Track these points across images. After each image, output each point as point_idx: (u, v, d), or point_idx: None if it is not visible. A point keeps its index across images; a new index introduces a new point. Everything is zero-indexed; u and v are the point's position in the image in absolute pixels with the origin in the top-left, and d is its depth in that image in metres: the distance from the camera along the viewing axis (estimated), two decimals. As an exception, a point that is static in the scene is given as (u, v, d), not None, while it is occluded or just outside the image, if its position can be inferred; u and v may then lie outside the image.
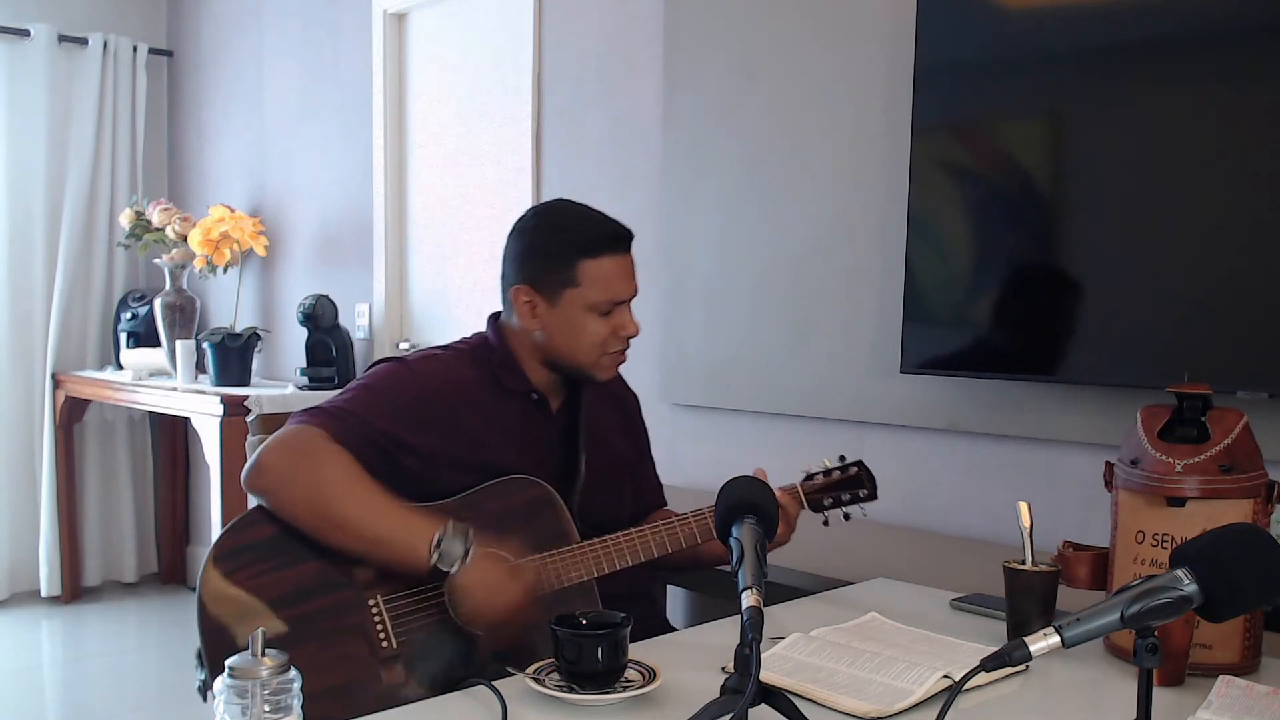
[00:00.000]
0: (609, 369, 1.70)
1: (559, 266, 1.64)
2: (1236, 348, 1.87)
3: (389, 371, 1.65)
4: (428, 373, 1.65)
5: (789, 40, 2.60)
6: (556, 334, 1.66)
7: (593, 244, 1.64)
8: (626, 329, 1.67)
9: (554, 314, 1.65)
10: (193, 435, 4.60)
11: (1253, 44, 1.86)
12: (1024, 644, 0.96)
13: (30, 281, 4.54)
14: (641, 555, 1.61)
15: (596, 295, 1.63)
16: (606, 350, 1.67)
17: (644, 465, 1.92)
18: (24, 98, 4.49)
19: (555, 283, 1.64)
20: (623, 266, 1.67)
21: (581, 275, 1.63)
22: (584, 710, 1.23)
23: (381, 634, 1.46)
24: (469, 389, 1.66)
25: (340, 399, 1.60)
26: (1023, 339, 2.16)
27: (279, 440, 1.53)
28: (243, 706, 0.93)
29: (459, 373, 1.67)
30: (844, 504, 1.75)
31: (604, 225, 1.68)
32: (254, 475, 1.52)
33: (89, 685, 3.83)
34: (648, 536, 1.61)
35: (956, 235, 2.26)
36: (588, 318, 1.64)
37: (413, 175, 3.85)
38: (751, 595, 1.08)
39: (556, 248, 1.65)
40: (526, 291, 1.66)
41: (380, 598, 1.48)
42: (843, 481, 1.75)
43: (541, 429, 1.71)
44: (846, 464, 1.77)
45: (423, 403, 1.60)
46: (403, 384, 1.62)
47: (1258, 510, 1.35)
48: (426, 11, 3.78)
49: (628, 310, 1.68)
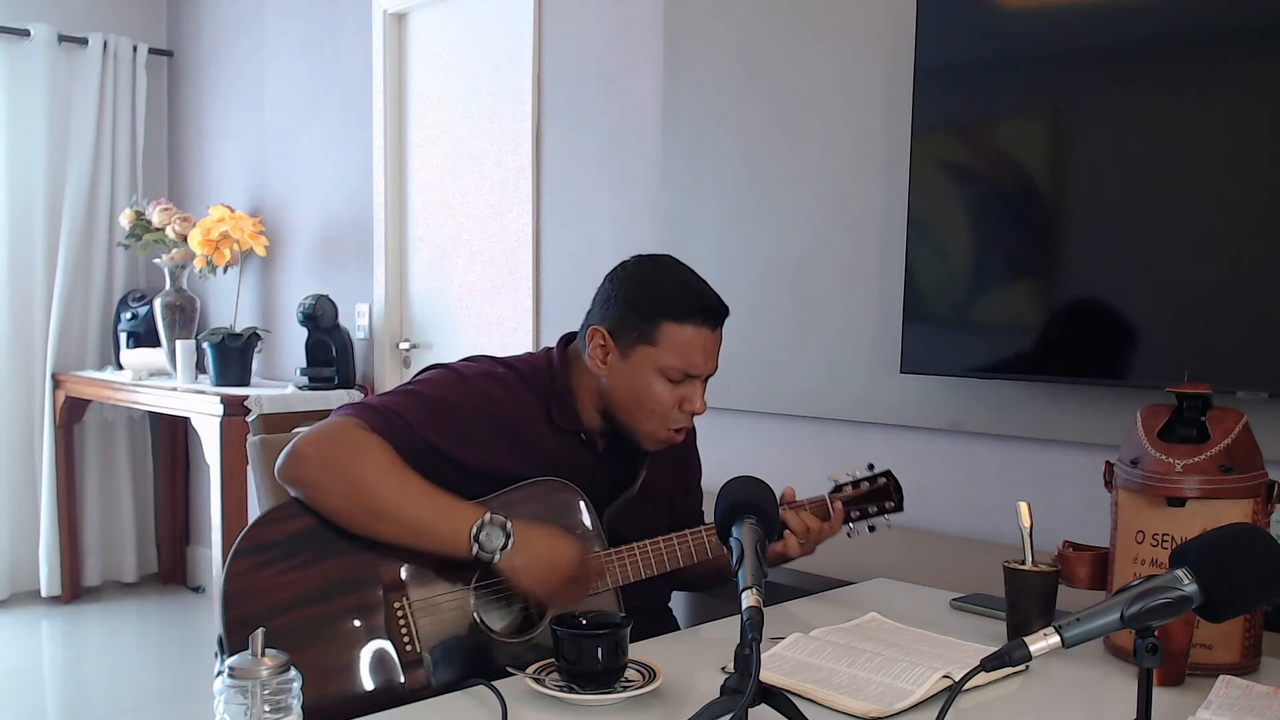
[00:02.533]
0: (660, 442, 1.64)
1: (641, 322, 1.58)
2: (1236, 348, 1.87)
3: (444, 381, 1.61)
4: (483, 391, 1.60)
5: (789, 40, 2.60)
6: (620, 388, 1.61)
7: (682, 309, 1.58)
8: (693, 404, 1.60)
9: (623, 367, 1.60)
10: (193, 435, 4.60)
11: (1253, 44, 1.87)
12: (1024, 644, 0.96)
13: (30, 281, 4.54)
14: (669, 564, 1.59)
15: (670, 360, 1.58)
16: (667, 422, 1.61)
17: (688, 498, 1.86)
18: (24, 98, 4.49)
19: (633, 336, 1.59)
20: (706, 341, 1.60)
21: (661, 336, 1.58)
22: (584, 710, 1.23)
23: (406, 637, 1.44)
24: (520, 413, 1.61)
25: (389, 399, 1.56)
26: (1022, 339, 2.16)
27: (318, 431, 1.51)
28: (243, 707, 0.93)
29: (514, 395, 1.62)
30: (870, 516, 1.72)
31: (699, 294, 1.61)
32: (291, 464, 1.49)
33: (89, 685, 3.83)
34: (674, 544, 1.59)
35: (956, 235, 2.26)
36: (655, 380, 1.59)
37: (413, 175, 3.85)
38: (751, 595, 1.08)
39: (644, 302, 1.59)
40: (603, 336, 1.61)
41: (407, 600, 1.46)
42: (872, 493, 1.72)
43: (586, 465, 1.67)
44: (875, 474, 1.73)
45: (472, 422, 1.57)
46: (454, 396, 1.58)
47: (1258, 510, 1.35)
48: (426, 11, 3.78)
49: (699, 386, 1.61)
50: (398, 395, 1.58)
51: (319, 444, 1.49)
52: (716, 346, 1.62)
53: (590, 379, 1.64)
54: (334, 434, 1.50)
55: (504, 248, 3.45)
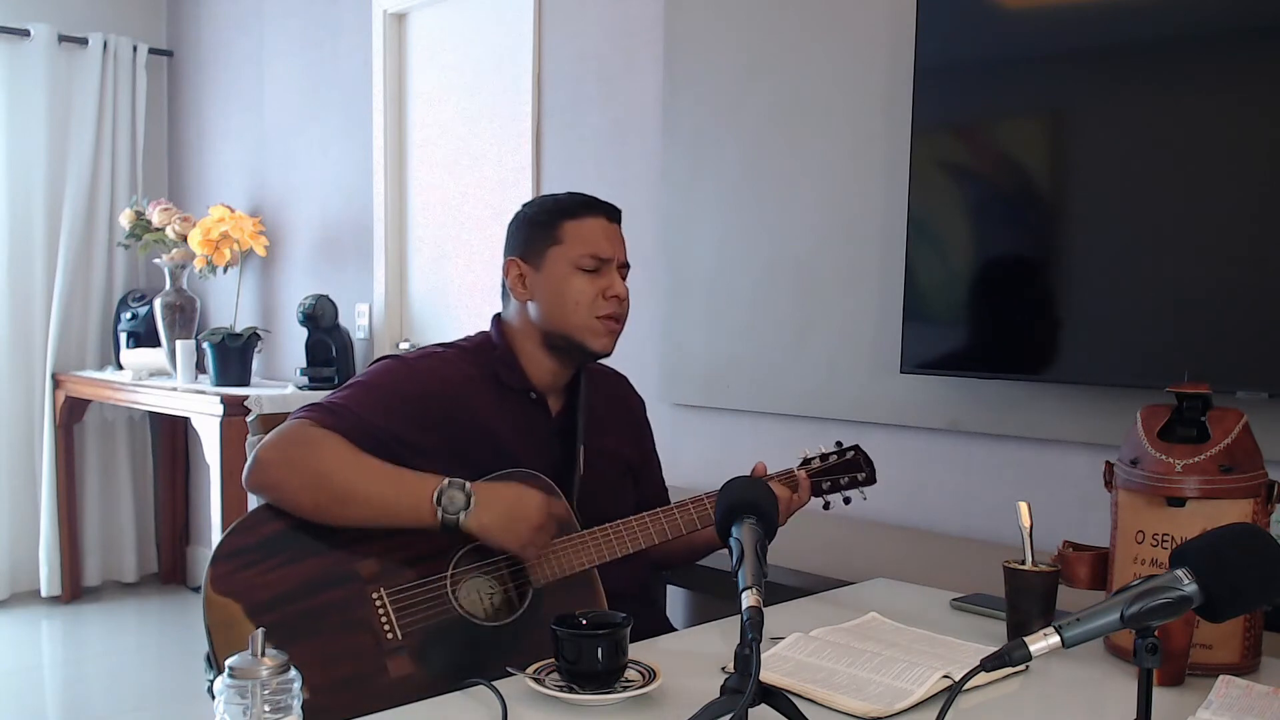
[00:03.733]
0: (601, 335, 1.69)
1: (543, 230, 1.69)
2: (1236, 348, 1.87)
3: (387, 369, 1.66)
4: (427, 370, 1.66)
5: (789, 40, 2.60)
6: (546, 299, 1.68)
7: (575, 207, 1.70)
8: (614, 288, 1.68)
9: (540, 278, 1.68)
10: (193, 435, 4.60)
11: (1253, 44, 1.86)
12: (1024, 644, 0.96)
13: (30, 281, 4.54)
14: (642, 541, 1.62)
15: (579, 249, 1.67)
16: (595, 312, 1.67)
17: (648, 468, 1.92)
18: (24, 98, 4.49)
19: (540, 244, 1.69)
20: (605, 229, 1.70)
21: (564, 233, 1.68)
22: (584, 710, 1.23)
23: (386, 626, 1.47)
24: (468, 386, 1.67)
25: (337, 396, 1.61)
26: (1023, 339, 2.16)
27: (276, 436, 1.56)
28: (243, 707, 0.93)
29: (458, 370, 1.68)
30: (843, 488, 1.77)
31: (586, 195, 1.74)
32: (255, 472, 1.53)
33: (89, 685, 3.83)
34: (647, 523, 1.63)
35: (956, 235, 2.26)
36: (573, 275, 1.67)
37: (413, 175, 3.85)
38: (751, 595, 1.08)
39: (541, 215, 1.71)
40: (516, 264, 1.71)
41: (384, 591, 1.49)
42: (840, 465, 1.77)
43: (540, 427, 1.72)
44: (844, 448, 1.79)
45: (422, 400, 1.61)
46: (401, 381, 1.63)
47: (1258, 510, 1.35)
48: (426, 11, 3.78)
49: (615, 273, 1.69)
50: (345, 390, 1.63)
51: (276, 448, 1.54)
52: (618, 237, 1.72)
53: (522, 320, 1.71)
54: (289, 436, 1.55)
55: (504, 248, 3.45)
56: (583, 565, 1.57)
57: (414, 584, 1.51)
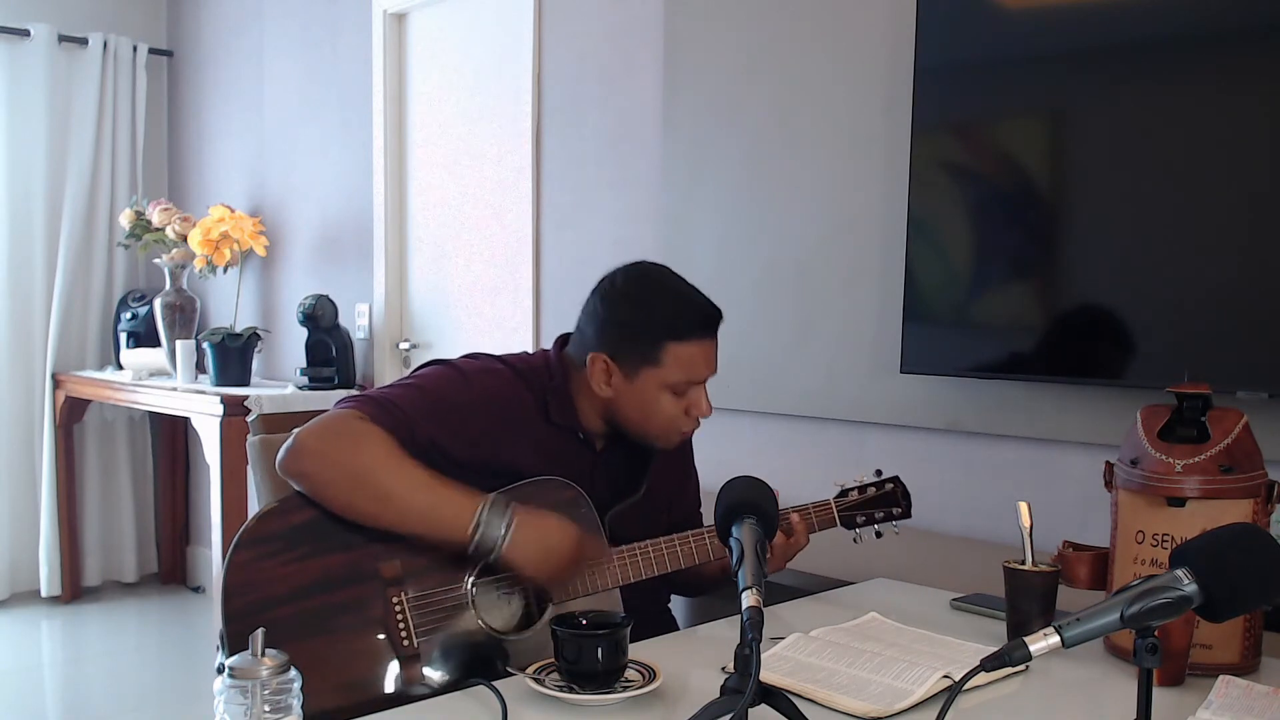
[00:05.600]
0: (674, 443, 1.68)
1: (644, 346, 1.60)
2: (1236, 348, 1.87)
3: (442, 376, 1.62)
4: (480, 384, 1.61)
5: (789, 40, 2.60)
6: (627, 407, 1.63)
7: (682, 327, 1.60)
8: (700, 408, 1.63)
9: (629, 388, 1.61)
10: (193, 435, 4.60)
11: (1253, 44, 1.86)
12: (1024, 644, 0.96)
13: (30, 281, 4.54)
14: (669, 565, 1.60)
15: (676, 377, 1.60)
16: (678, 429, 1.65)
17: (684, 497, 1.87)
18: (24, 98, 4.49)
19: (637, 360, 1.60)
20: (708, 351, 1.63)
21: (665, 356, 1.59)
22: (584, 710, 1.23)
23: (403, 632, 1.44)
24: (520, 411, 1.62)
25: (389, 392, 1.57)
26: (1022, 339, 2.16)
27: (318, 424, 1.52)
28: (243, 707, 0.93)
29: (512, 390, 1.63)
30: (877, 521, 1.75)
31: (697, 308, 1.63)
32: (292, 457, 1.49)
33: (89, 685, 3.83)
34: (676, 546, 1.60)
35: (956, 235, 2.26)
36: (662, 395, 1.61)
37: (413, 175, 3.85)
38: (751, 595, 1.08)
39: (643, 326, 1.61)
40: (605, 362, 1.62)
41: (405, 595, 1.46)
42: (877, 499, 1.75)
43: (583, 464, 1.67)
44: (883, 480, 1.76)
45: (471, 416, 1.57)
46: (455, 392, 1.59)
47: (1258, 510, 1.35)
48: (426, 11, 3.78)
49: (703, 390, 1.64)
50: (397, 388, 1.58)
51: (319, 437, 1.50)
52: (716, 352, 1.65)
53: (590, 394, 1.65)
54: (334, 426, 1.51)
55: (504, 248, 3.45)
56: (605, 587, 1.55)
57: (435, 590, 1.48)
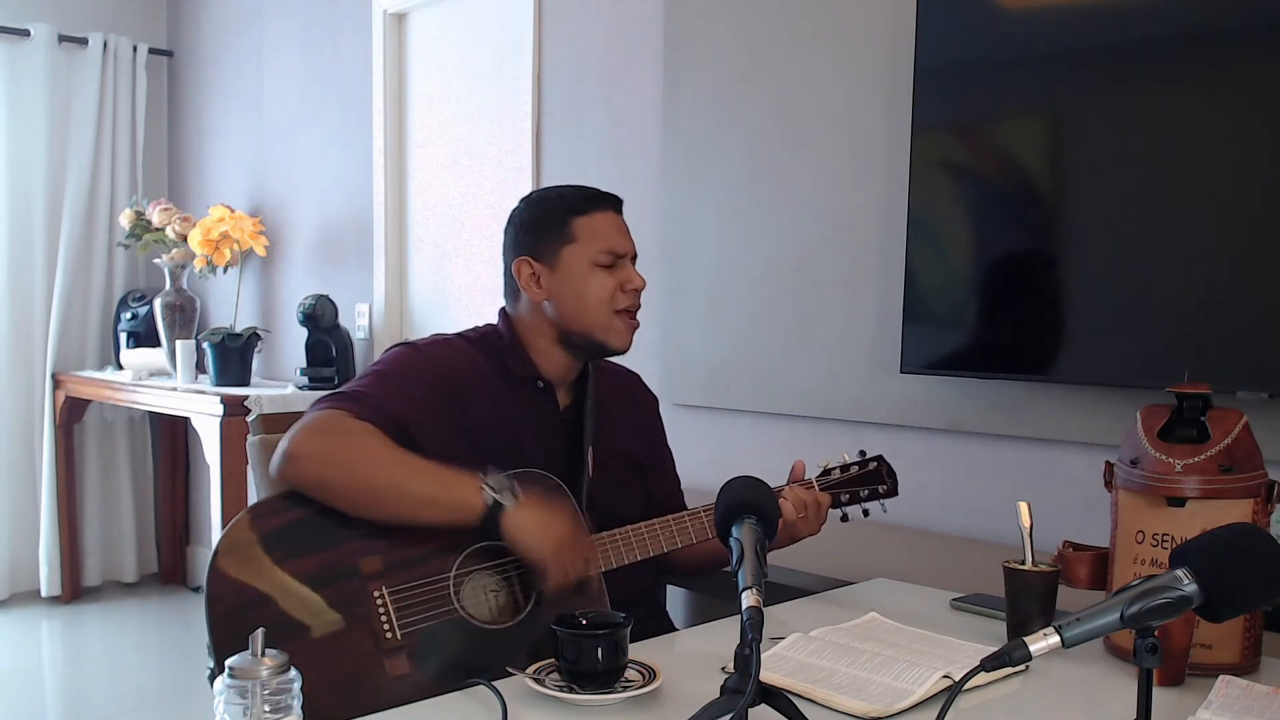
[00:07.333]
0: (623, 334, 1.70)
1: (554, 229, 1.68)
2: (1236, 348, 1.87)
3: (402, 356, 1.66)
4: (439, 356, 1.67)
5: (789, 40, 2.60)
6: (563, 297, 1.68)
7: (582, 203, 1.70)
8: (632, 281, 1.69)
9: (557, 277, 1.68)
10: (193, 435, 4.60)
11: (1253, 44, 1.86)
12: (1024, 644, 0.96)
13: (30, 281, 4.54)
14: (651, 549, 1.61)
15: (595, 246, 1.67)
16: (615, 306, 1.68)
17: (659, 467, 1.89)
18: (24, 98, 4.49)
19: (553, 243, 1.68)
20: (615, 222, 1.71)
21: (577, 230, 1.67)
22: (584, 710, 1.23)
23: (385, 625, 1.46)
24: (477, 374, 1.67)
25: (358, 385, 1.60)
26: (1023, 339, 2.16)
27: (306, 427, 1.53)
28: (243, 707, 0.93)
29: (467, 357, 1.69)
30: (863, 500, 1.75)
31: (587, 188, 1.74)
32: (288, 466, 1.51)
33: (89, 685, 3.83)
34: (657, 529, 1.62)
35: (956, 235, 2.26)
36: (591, 273, 1.67)
37: (413, 175, 3.85)
38: (751, 595, 1.08)
39: (549, 214, 1.70)
40: (528, 263, 1.69)
41: (385, 589, 1.48)
42: (860, 477, 1.75)
43: (547, 418, 1.72)
44: (866, 459, 1.77)
45: (436, 386, 1.62)
46: (416, 368, 1.64)
47: (1258, 510, 1.35)
48: (426, 11, 3.78)
49: (630, 265, 1.70)
50: (366, 378, 1.62)
51: (310, 440, 1.52)
52: (626, 227, 1.73)
53: (535, 320, 1.71)
54: (324, 426, 1.54)
55: (504, 248, 3.45)
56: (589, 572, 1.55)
57: (416, 583, 1.49)
